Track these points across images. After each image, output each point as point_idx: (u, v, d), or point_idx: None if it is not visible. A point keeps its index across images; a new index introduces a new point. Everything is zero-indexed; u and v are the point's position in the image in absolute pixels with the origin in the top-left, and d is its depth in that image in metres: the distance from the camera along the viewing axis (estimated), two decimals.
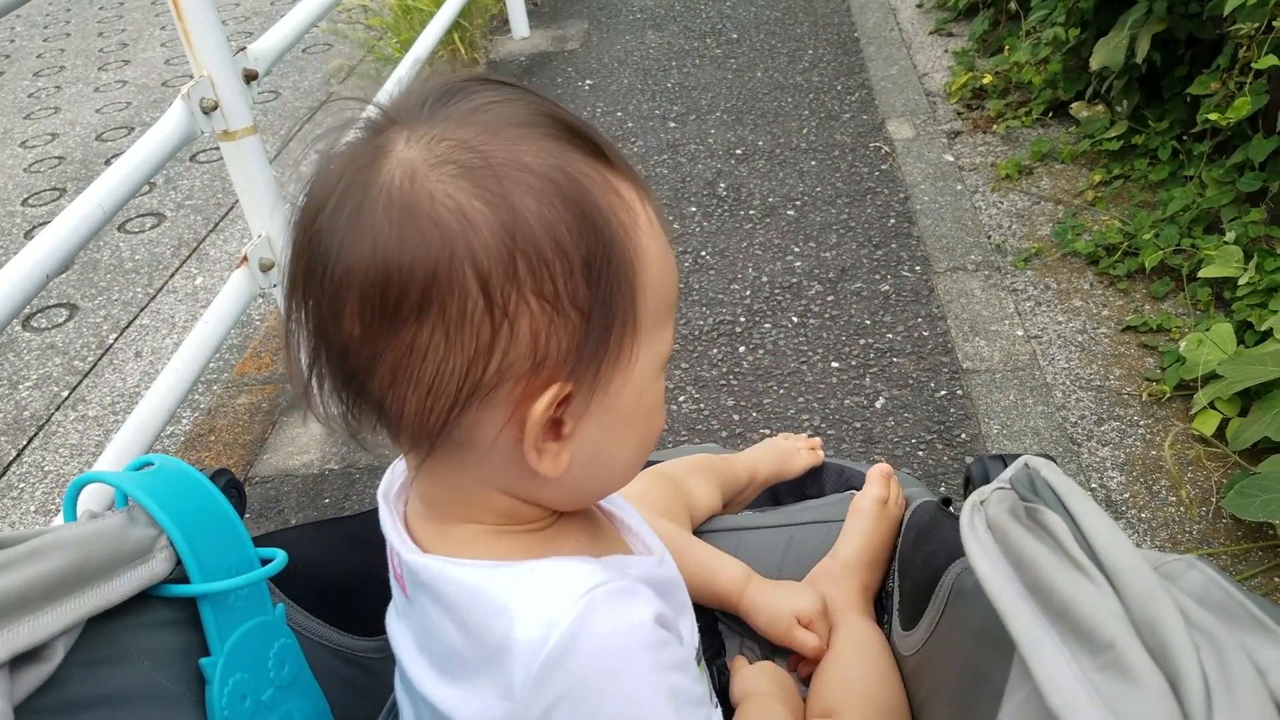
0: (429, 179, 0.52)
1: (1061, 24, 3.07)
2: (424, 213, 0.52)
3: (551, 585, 0.57)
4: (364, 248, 0.52)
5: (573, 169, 0.55)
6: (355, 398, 0.58)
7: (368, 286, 0.52)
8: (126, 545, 0.62)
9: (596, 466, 0.63)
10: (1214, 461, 1.98)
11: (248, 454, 2.34)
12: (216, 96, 1.97)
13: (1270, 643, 0.51)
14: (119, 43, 5.50)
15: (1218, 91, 2.47)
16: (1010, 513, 0.67)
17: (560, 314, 0.54)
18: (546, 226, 0.53)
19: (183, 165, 3.92)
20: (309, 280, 0.55)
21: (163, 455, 0.70)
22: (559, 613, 0.55)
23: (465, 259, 0.52)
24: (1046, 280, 2.57)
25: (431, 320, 0.52)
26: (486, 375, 0.54)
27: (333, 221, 0.53)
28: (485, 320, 0.53)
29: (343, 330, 0.54)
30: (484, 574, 0.59)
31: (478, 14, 4.31)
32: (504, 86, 0.58)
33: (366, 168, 0.54)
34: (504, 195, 0.52)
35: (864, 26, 4.22)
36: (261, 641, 0.69)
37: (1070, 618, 0.55)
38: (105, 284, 3.23)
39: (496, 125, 0.54)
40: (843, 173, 3.15)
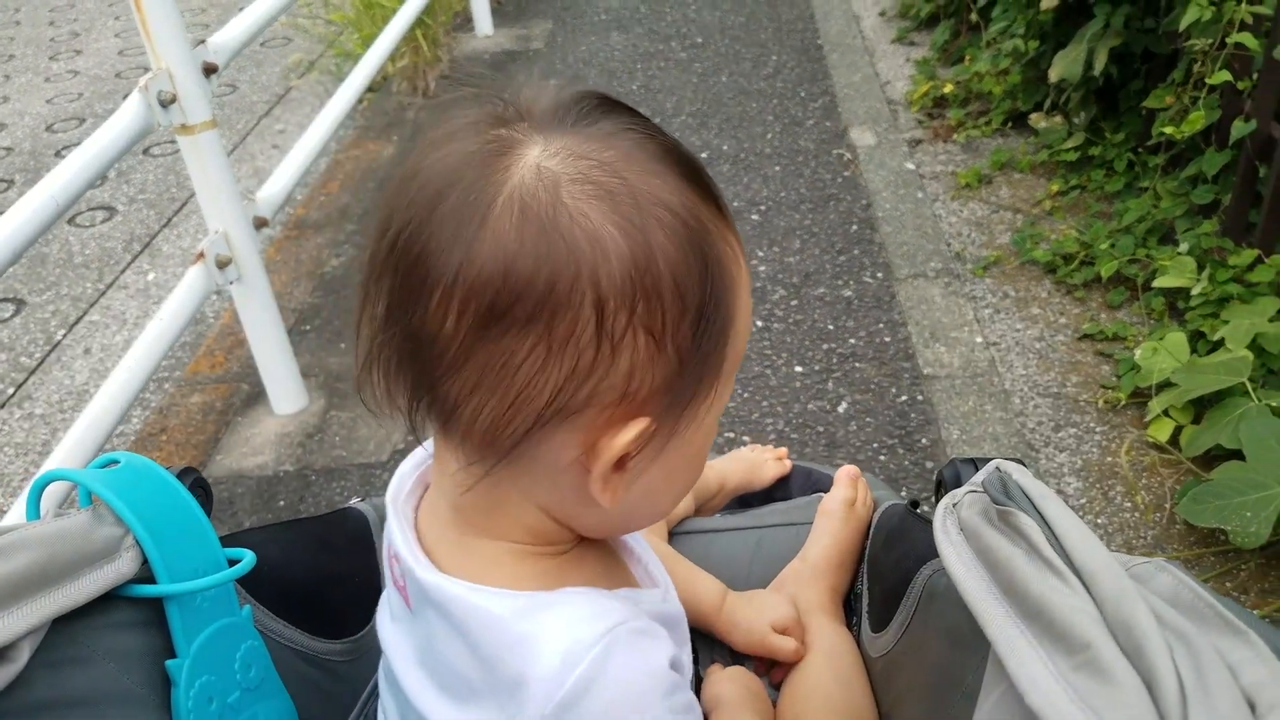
0: (568, 193, 0.51)
1: (1021, 36, 3.12)
2: (557, 227, 0.50)
3: (572, 622, 0.57)
4: (487, 247, 0.50)
5: (702, 215, 0.54)
6: (425, 393, 0.56)
7: (481, 286, 0.51)
8: (92, 544, 0.61)
9: (645, 503, 0.63)
10: (1168, 468, 2.01)
11: (200, 454, 2.30)
12: (175, 89, 1.93)
13: (1241, 643, 0.52)
14: (70, 32, 5.39)
15: (1172, 105, 2.52)
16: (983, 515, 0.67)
17: (661, 353, 0.53)
18: (672, 267, 0.52)
19: (136, 158, 3.85)
20: (401, 264, 0.53)
21: (129, 453, 0.68)
22: (579, 652, 0.55)
23: (588, 281, 0.50)
24: (1005, 288, 2.60)
25: (537, 333, 0.51)
26: (576, 398, 0.53)
27: (455, 213, 0.52)
28: (591, 344, 0.51)
29: (430, 322, 0.53)
30: (504, 603, 0.58)
31: (441, 11, 4.28)
32: (635, 115, 0.57)
33: (497, 165, 0.52)
34: (642, 228, 0.51)
35: (827, 33, 4.25)
36: (228, 643, 0.67)
37: (1045, 619, 0.56)
38: (54, 279, 3.16)
39: (635, 154, 0.54)
40: (806, 179, 3.17)
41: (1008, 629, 0.57)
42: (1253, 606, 1.72)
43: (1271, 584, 1.76)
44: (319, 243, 3.13)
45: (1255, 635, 0.52)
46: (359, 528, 0.91)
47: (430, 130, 0.56)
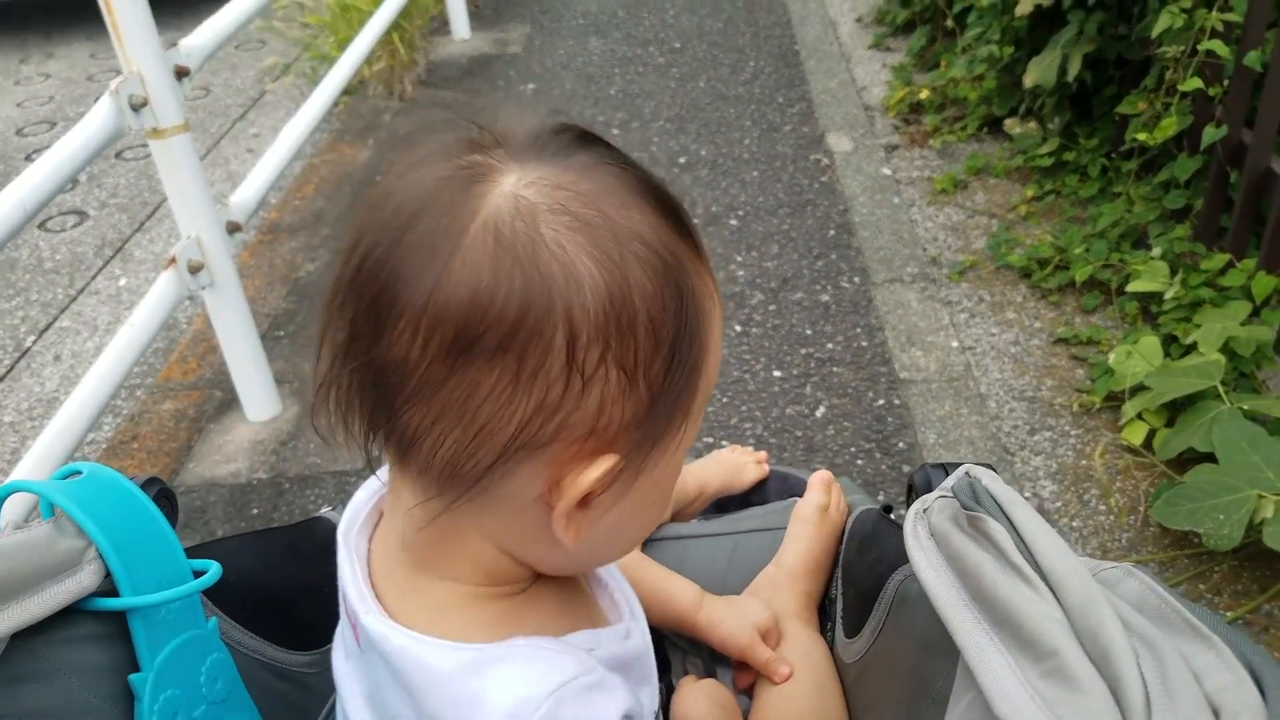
0: (545, 224, 0.50)
1: (996, 42, 3.14)
2: (533, 257, 0.49)
3: (519, 680, 0.55)
4: (458, 275, 0.49)
5: (678, 250, 0.54)
6: (384, 422, 0.54)
7: (450, 315, 0.49)
8: (53, 557, 0.60)
9: (608, 541, 0.62)
10: (1142, 471, 2.03)
11: (172, 462, 2.28)
12: (146, 93, 1.91)
13: (1206, 649, 0.52)
14: (42, 34, 5.34)
15: (1145, 111, 2.55)
16: (953, 520, 0.67)
17: (633, 388, 0.52)
18: (648, 302, 0.51)
19: (107, 162, 3.82)
20: (368, 289, 0.52)
21: (91, 463, 0.67)
22: (525, 712, 0.53)
23: (561, 314, 0.49)
24: (980, 292, 2.62)
25: (505, 365, 0.50)
26: (543, 432, 0.51)
27: (427, 239, 0.50)
28: (561, 378, 0.50)
29: (394, 349, 0.51)
30: (449, 658, 0.56)
31: (417, 14, 4.27)
32: (612, 149, 0.56)
33: (473, 192, 0.51)
34: (619, 262, 0.51)
35: (804, 39, 4.27)
36: (194, 656, 0.67)
37: (1013, 625, 0.56)
38: (23, 284, 3.13)
39: (613, 188, 0.53)
40: (784, 184, 3.18)
41: (976, 635, 0.57)
42: (1226, 608, 1.74)
43: (1244, 586, 1.78)
44: (293, 247, 3.11)
45: (1220, 641, 0.52)
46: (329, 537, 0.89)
47: (403, 153, 0.55)
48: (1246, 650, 0.51)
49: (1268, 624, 1.71)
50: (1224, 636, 0.52)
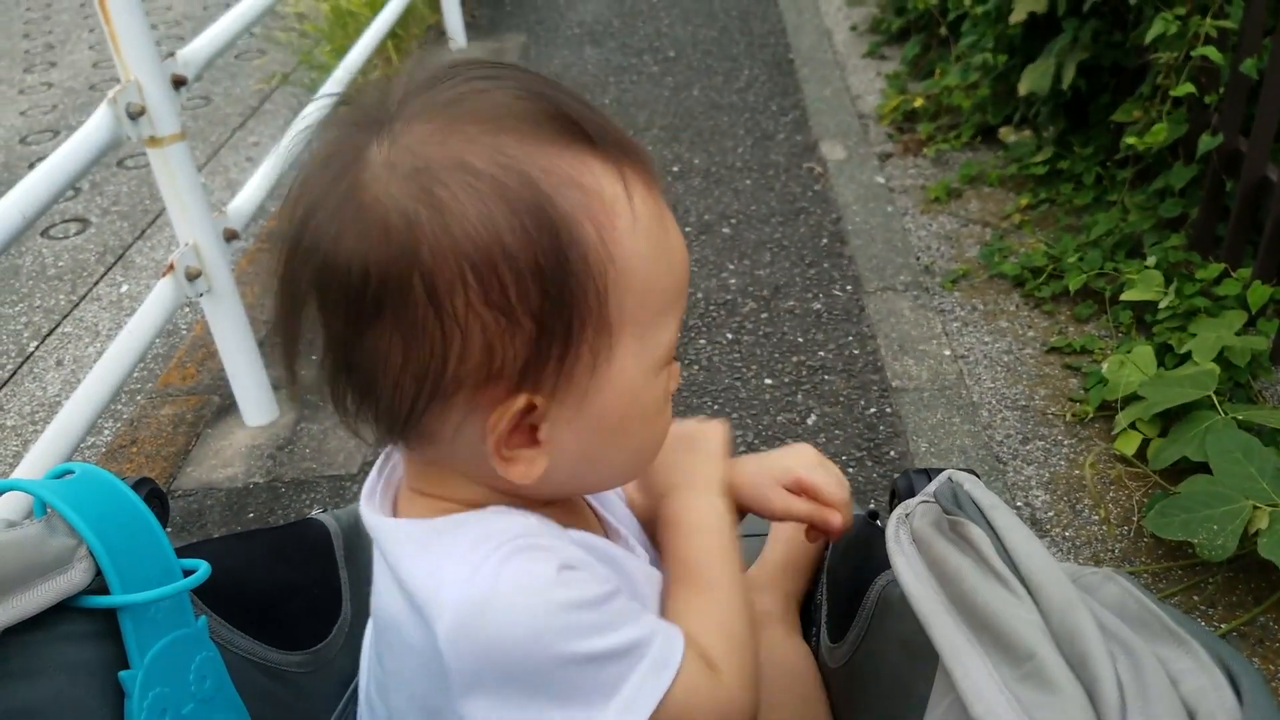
0: (383, 181, 0.53)
1: (990, 50, 3.15)
2: (375, 218, 0.52)
3: (479, 538, 0.58)
4: (329, 250, 0.53)
5: (531, 167, 0.52)
6: (344, 386, 0.59)
7: (335, 287, 0.53)
8: (44, 555, 0.61)
9: (583, 470, 0.62)
10: (1135, 481, 2.03)
11: (170, 466, 2.29)
12: (144, 102, 1.92)
13: (1183, 652, 0.53)
14: (45, 44, 5.36)
15: (1140, 119, 2.55)
16: (934, 526, 0.68)
17: (513, 323, 0.52)
18: (490, 231, 0.51)
19: (109, 170, 3.83)
20: (296, 278, 0.56)
21: (84, 464, 0.68)
22: (477, 563, 0.56)
23: (411, 265, 0.51)
24: (974, 301, 2.62)
25: (388, 323, 0.53)
26: (444, 380, 0.54)
27: (313, 222, 0.54)
28: (436, 326, 0.52)
29: (329, 324, 0.56)
30: (423, 526, 0.60)
31: (414, 23, 4.29)
32: (494, 69, 0.57)
33: (343, 171, 0.54)
34: (444, 200, 0.51)
35: (799, 48, 4.28)
36: (183, 654, 0.67)
37: (992, 629, 0.57)
38: (27, 290, 3.14)
39: (459, 119, 0.54)
40: (777, 192, 3.19)
41: (955, 639, 0.58)
42: (1220, 620, 1.74)
43: (1239, 597, 1.78)
44: None
45: (1198, 645, 0.53)
46: (320, 539, 0.91)
47: (310, 151, 0.58)
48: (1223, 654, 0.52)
49: (1263, 636, 1.71)
50: (1201, 640, 0.53)
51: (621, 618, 0.58)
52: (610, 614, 0.57)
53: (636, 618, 0.59)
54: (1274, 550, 1.64)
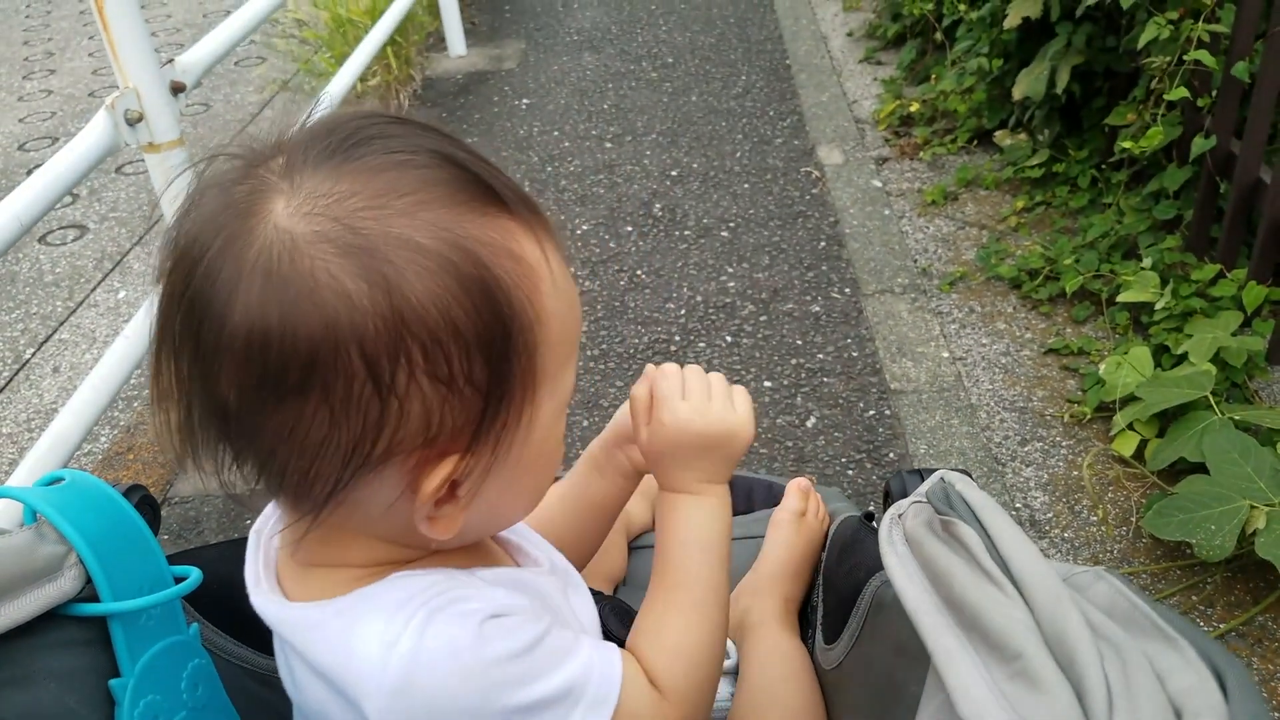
0: (310, 256, 0.49)
1: (985, 55, 3.16)
2: (305, 293, 0.49)
3: (389, 606, 0.56)
4: (242, 319, 0.49)
5: (469, 239, 0.52)
6: (233, 457, 0.55)
7: (247, 358, 0.50)
8: (34, 562, 0.61)
9: (492, 515, 0.62)
10: (1133, 482, 2.03)
11: (167, 473, 2.29)
12: (142, 108, 1.93)
13: (1171, 650, 0.53)
14: (45, 51, 5.37)
15: (1134, 122, 2.56)
16: (927, 526, 0.68)
17: (455, 393, 0.52)
18: (440, 308, 0.50)
19: (108, 176, 3.84)
20: (184, 337, 0.52)
21: (74, 470, 0.68)
22: (395, 631, 0.54)
23: (351, 342, 0.49)
24: (971, 303, 2.63)
25: (315, 399, 0.50)
26: (375, 452, 0.52)
27: (208, 283, 0.50)
28: (374, 400, 0.50)
29: (220, 392, 0.52)
30: (328, 609, 0.57)
31: (414, 31, 4.29)
32: (399, 127, 0.54)
33: (242, 226, 0.51)
34: (393, 277, 0.50)
35: (796, 54, 4.29)
36: (174, 662, 0.67)
37: (982, 628, 0.57)
38: (24, 297, 3.14)
39: (385, 192, 0.51)
40: (775, 196, 3.19)
41: (945, 639, 0.58)
42: (1219, 620, 1.74)
43: (1237, 597, 1.78)
44: None
45: (1186, 643, 0.53)
46: None
47: (194, 183, 0.54)
48: (1211, 652, 0.52)
49: (1261, 635, 1.71)
50: (1190, 638, 0.53)
51: (555, 659, 0.59)
52: (542, 658, 0.58)
53: (570, 654, 0.60)
54: (1271, 550, 1.64)
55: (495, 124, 3.90)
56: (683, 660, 0.68)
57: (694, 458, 0.74)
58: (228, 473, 0.56)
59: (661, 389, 0.73)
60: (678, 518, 0.74)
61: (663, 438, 0.73)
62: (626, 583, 1.10)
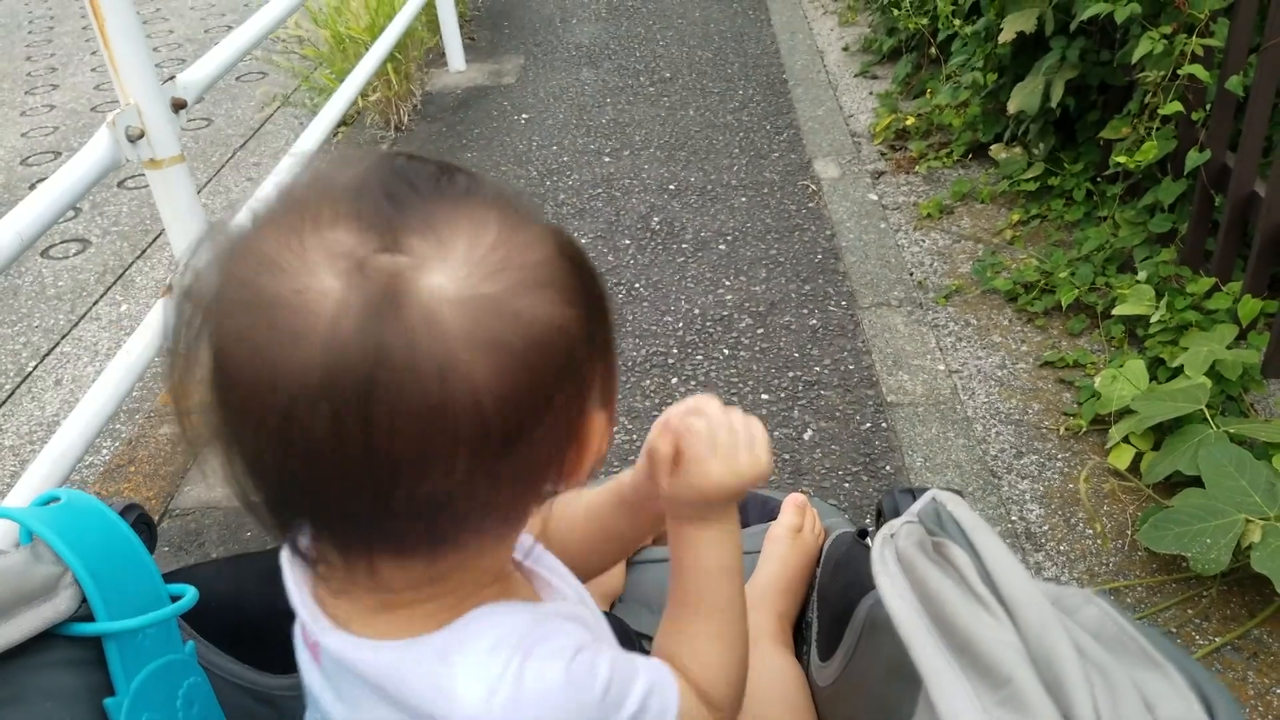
0: (475, 322, 0.50)
1: (980, 69, 3.17)
2: (506, 347, 0.50)
3: (483, 651, 0.57)
4: (466, 391, 0.49)
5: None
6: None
7: (457, 425, 0.49)
8: (30, 582, 0.61)
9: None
10: (1129, 495, 2.03)
11: (169, 485, 2.29)
12: (143, 125, 1.94)
13: (1159, 676, 0.53)
14: (48, 66, 5.39)
15: (1128, 136, 2.57)
16: (918, 546, 0.68)
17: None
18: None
19: (110, 191, 3.85)
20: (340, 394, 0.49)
21: (71, 490, 0.69)
22: (494, 677, 0.56)
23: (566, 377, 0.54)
24: (967, 316, 2.63)
25: (539, 431, 0.53)
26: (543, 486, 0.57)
27: (393, 376, 0.48)
28: (561, 435, 0.56)
29: (435, 472, 0.51)
30: (413, 652, 0.58)
31: (413, 46, 4.31)
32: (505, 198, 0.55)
33: (379, 317, 0.48)
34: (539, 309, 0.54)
35: (792, 68, 4.31)
36: (170, 680, 0.68)
37: (972, 651, 0.57)
38: (26, 310, 3.15)
39: (523, 275, 0.52)
40: (772, 209, 3.21)
41: (935, 661, 0.58)
42: (1214, 634, 1.74)
43: (1233, 611, 1.78)
44: None
45: (1174, 669, 0.53)
46: None
47: (280, 256, 0.50)
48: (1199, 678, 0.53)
49: (1256, 649, 1.71)
50: (1178, 664, 0.53)
51: (626, 685, 0.62)
52: (617, 689, 0.61)
53: (634, 677, 0.63)
54: (1267, 563, 1.64)
55: (495, 139, 3.91)
56: (724, 675, 0.72)
57: (715, 504, 0.75)
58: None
59: (695, 450, 0.72)
60: (698, 548, 0.76)
61: (687, 496, 0.74)
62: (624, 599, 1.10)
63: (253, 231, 0.51)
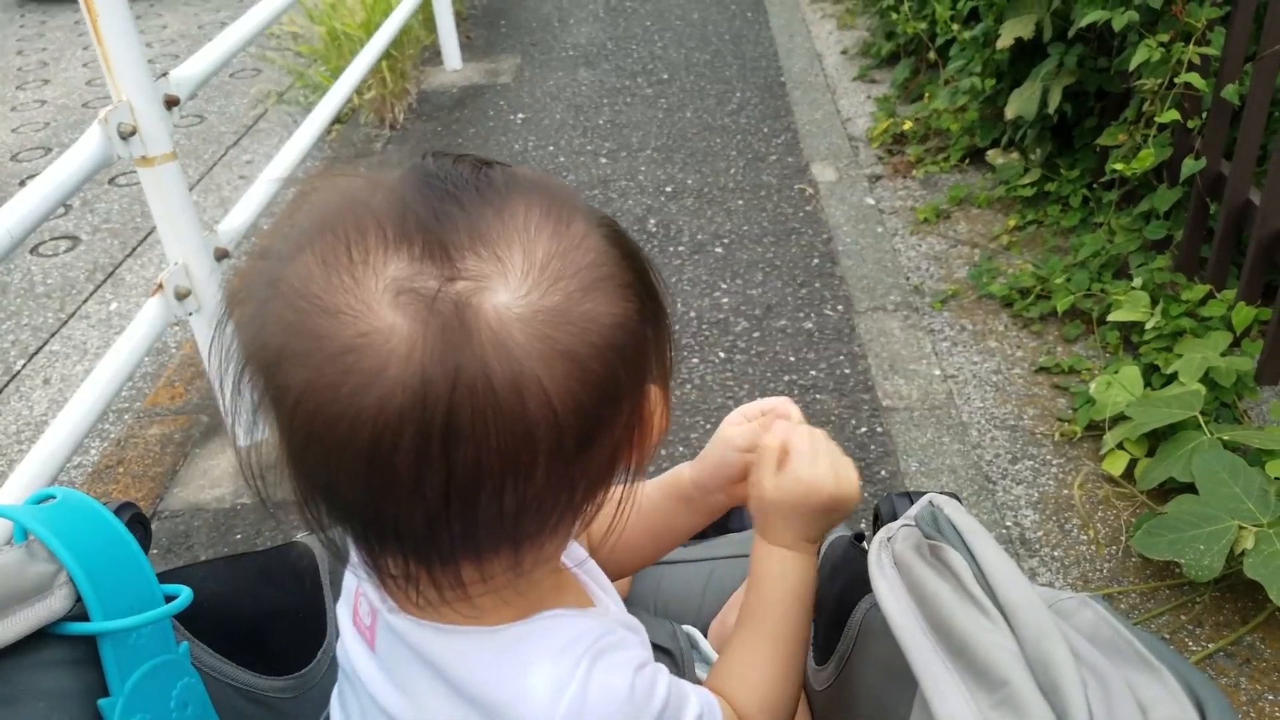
0: (537, 334, 0.50)
1: (978, 74, 3.18)
2: (570, 357, 0.51)
3: (552, 651, 0.59)
4: (553, 386, 0.50)
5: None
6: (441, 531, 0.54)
7: (540, 434, 0.50)
8: (24, 581, 0.61)
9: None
10: (1123, 501, 2.04)
11: (158, 486, 2.28)
12: (135, 122, 1.93)
13: (1154, 680, 0.53)
14: (39, 61, 5.37)
15: (1125, 143, 2.58)
16: (915, 550, 0.68)
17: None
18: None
19: (101, 188, 3.84)
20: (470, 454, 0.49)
21: (65, 488, 0.68)
22: (562, 680, 0.57)
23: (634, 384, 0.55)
24: (963, 321, 2.64)
25: (595, 448, 0.54)
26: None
27: (475, 396, 0.48)
28: (619, 442, 0.57)
29: (523, 477, 0.52)
30: (482, 641, 0.59)
31: (409, 44, 4.31)
32: (559, 198, 0.55)
33: (454, 345, 0.48)
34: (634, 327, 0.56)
35: (790, 71, 4.31)
36: (164, 681, 0.67)
37: (968, 655, 0.57)
38: (15, 308, 3.13)
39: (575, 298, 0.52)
40: (769, 213, 3.21)
41: (933, 665, 0.58)
42: (1208, 640, 1.75)
43: (1226, 617, 1.78)
44: None
45: (1169, 673, 0.53)
46: (305, 562, 0.90)
47: (332, 282, 0.49)
48: (1194, 682, 0.53)
49: (1249, 655, 1.71)
50: (1172, 668, 0.53)
51: (681, 705, 0.63)
52: (675, 707, 0.62)
53: (686, 701, 0.64)
54: (1260, 570, 1.65)
55: (490, 138, 3.91)
56: (774, 712, 0.75)
57: (813, 517, 0.77)
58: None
59: (799, 445, 0.75)
60: (785, 572, 0.78)
61: (794, 493, 0.75)
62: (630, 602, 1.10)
63: (292, 269, 0.51)
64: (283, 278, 0.50)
